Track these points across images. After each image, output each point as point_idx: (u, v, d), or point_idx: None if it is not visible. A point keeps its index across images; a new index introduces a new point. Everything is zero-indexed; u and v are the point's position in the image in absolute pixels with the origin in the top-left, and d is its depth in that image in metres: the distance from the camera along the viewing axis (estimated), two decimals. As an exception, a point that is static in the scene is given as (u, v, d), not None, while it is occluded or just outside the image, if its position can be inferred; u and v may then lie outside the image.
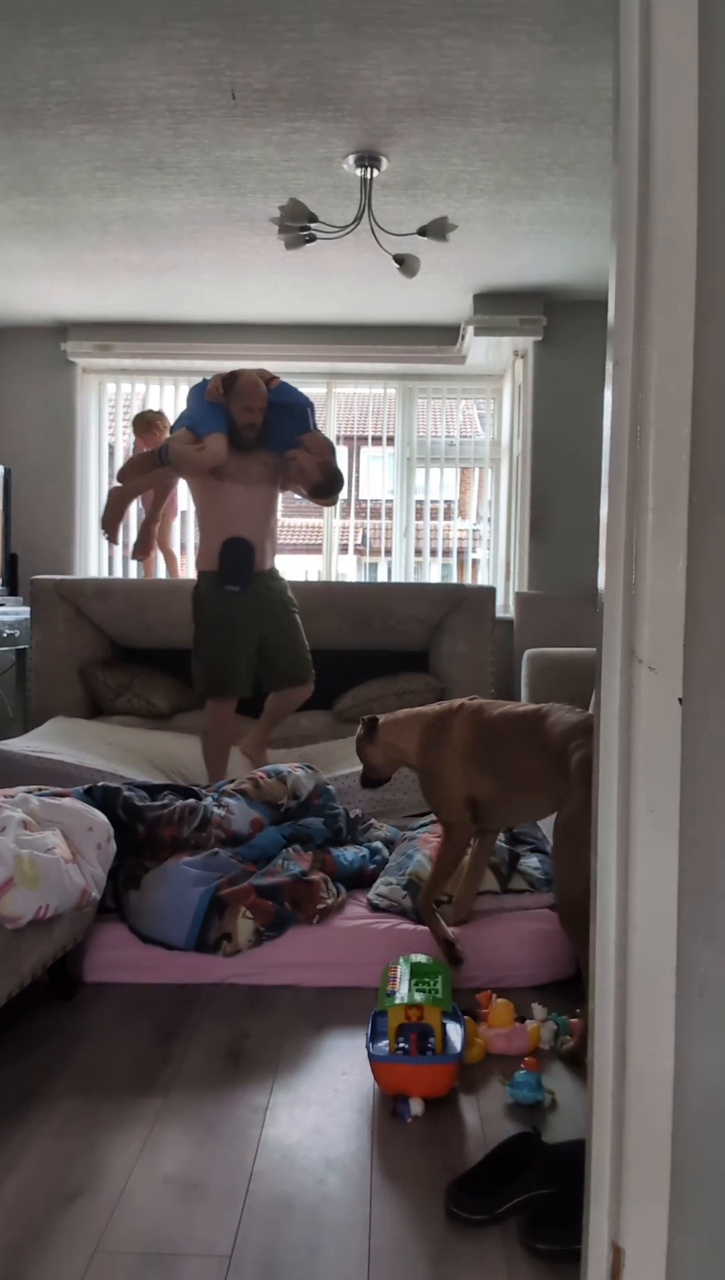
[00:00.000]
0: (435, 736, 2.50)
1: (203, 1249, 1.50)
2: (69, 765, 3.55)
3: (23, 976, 2.07)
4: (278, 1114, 1.90)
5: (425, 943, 2.50)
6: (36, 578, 4.63)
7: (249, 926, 2.48)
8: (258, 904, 2.52)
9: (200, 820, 2.80)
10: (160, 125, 3.13)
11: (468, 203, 3.70)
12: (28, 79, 2.84)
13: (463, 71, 2.79)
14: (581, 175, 3.45)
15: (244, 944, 2.48)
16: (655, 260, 1.12)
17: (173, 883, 2.56)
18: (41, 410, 5.37)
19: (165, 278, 4.59)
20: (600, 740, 1.20)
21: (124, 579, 5.01)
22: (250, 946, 2.49)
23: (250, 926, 2.48)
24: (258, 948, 2.50)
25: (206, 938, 2.47)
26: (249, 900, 2.52)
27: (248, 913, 2.50)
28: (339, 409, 5.74)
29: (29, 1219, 1.56)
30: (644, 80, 1.13)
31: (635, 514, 1.16)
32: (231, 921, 2.48)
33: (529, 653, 3.87)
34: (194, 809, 2.82)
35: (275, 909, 2.53)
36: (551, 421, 4.95)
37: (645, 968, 1.16)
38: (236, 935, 2.47)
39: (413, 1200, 1.63)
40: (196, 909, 2.49)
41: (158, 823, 2.77)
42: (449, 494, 8.81)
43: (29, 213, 3.83)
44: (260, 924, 2.49)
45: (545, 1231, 1.50)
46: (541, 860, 2.90)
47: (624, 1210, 1.18)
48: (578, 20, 2.53)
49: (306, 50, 2.69)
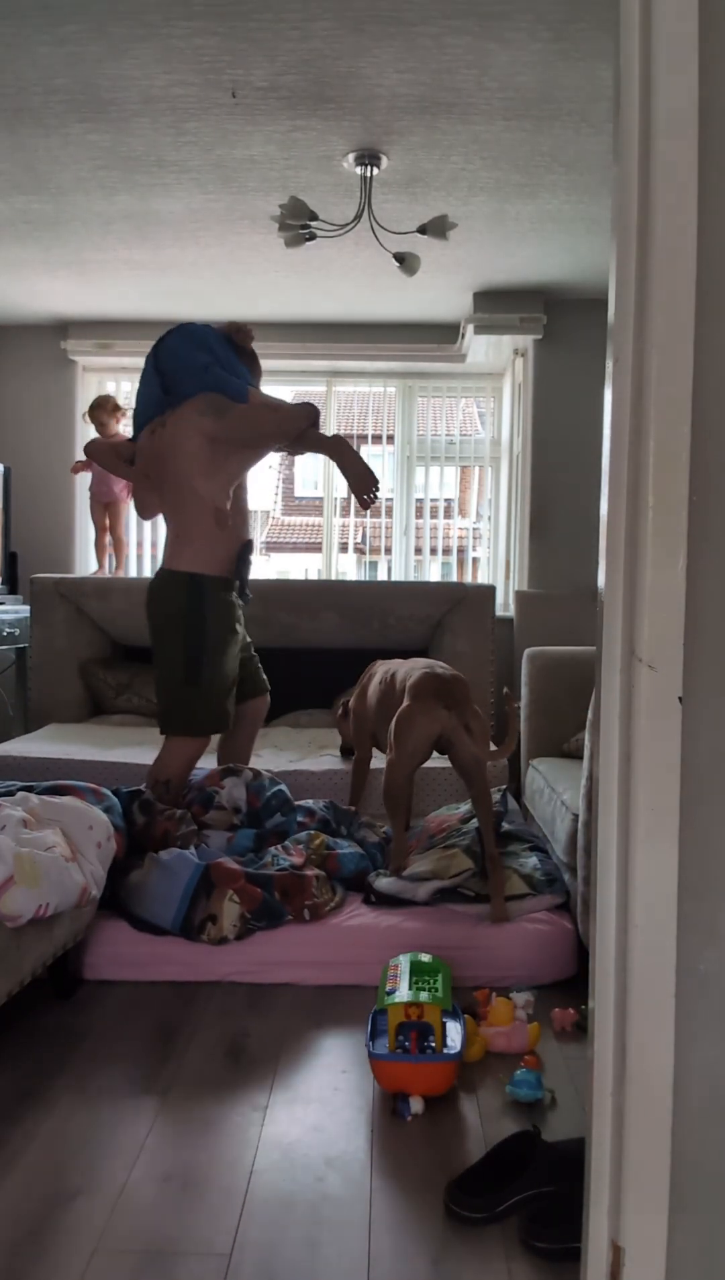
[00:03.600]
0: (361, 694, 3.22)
1: (202, 1247, 1.50)
2: (71, 762, 3.56)
3: (23, 975, 2.07)
4: (277, 1112, 1.90)
5: (425, 941, 2.50)
6: (36, 576, 4.63)
7: (235, 911, 2.49)
8: (246, 889, 2.53)
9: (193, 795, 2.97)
10: (161, 124, 3.13)
11: (468, 201, 3.70)
12: (29, 77, 2.84)
13: (463, 70, 2.79)
14: (582, 173, 3.44)
15: (229, 929, 2.47)
16: (655, 259, 1.12)
17: (165, 862, 2.60)
18: (42, 408, 5.37)
19: (166, 276, 4.59)
20: (601, 739, 1.20)
21: (124, 578, 5.01)
22: (235, 934, 2.48)
23: (236, 911, 2.49)
24: (250, 939, 2.50)
25: (192, 918, 2.48)
26: (238, 884, 2.53)
27: (235, 896, 2.50)
28: (339, 407, 5.74)
29: (28, 1217, 1.56)
30: (644, 78, 1.12)
31: (635, 512, 1.16)
32: (218, 903, 2.49)
33: (529, 651, 3.87)
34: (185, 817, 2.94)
35: (263, 897, 2.54)
36: (551, 420, 4.95)
37: (645, 967, 1.16)
38: (221, 918, 2.47)
39: (412, 1199, 1.64)
40: (185, 887, 2.51)
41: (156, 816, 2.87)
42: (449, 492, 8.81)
43: (30, 211, 3.83)
44: (246, 909, 2.50)
45: (545, 1230, 1.50)
46: (541, 860, 2.90)
47: (624, 1209, 1.18)
48: (579, 18, 2.53)
49: (307, 49, 2.69)
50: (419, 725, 2.75)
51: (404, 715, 2.79)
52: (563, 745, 3.57)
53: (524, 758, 3.74)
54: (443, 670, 2.90)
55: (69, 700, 4.52)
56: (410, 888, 2.68)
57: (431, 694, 2.78)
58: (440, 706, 2.76)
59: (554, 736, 3.63)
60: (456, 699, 2.78)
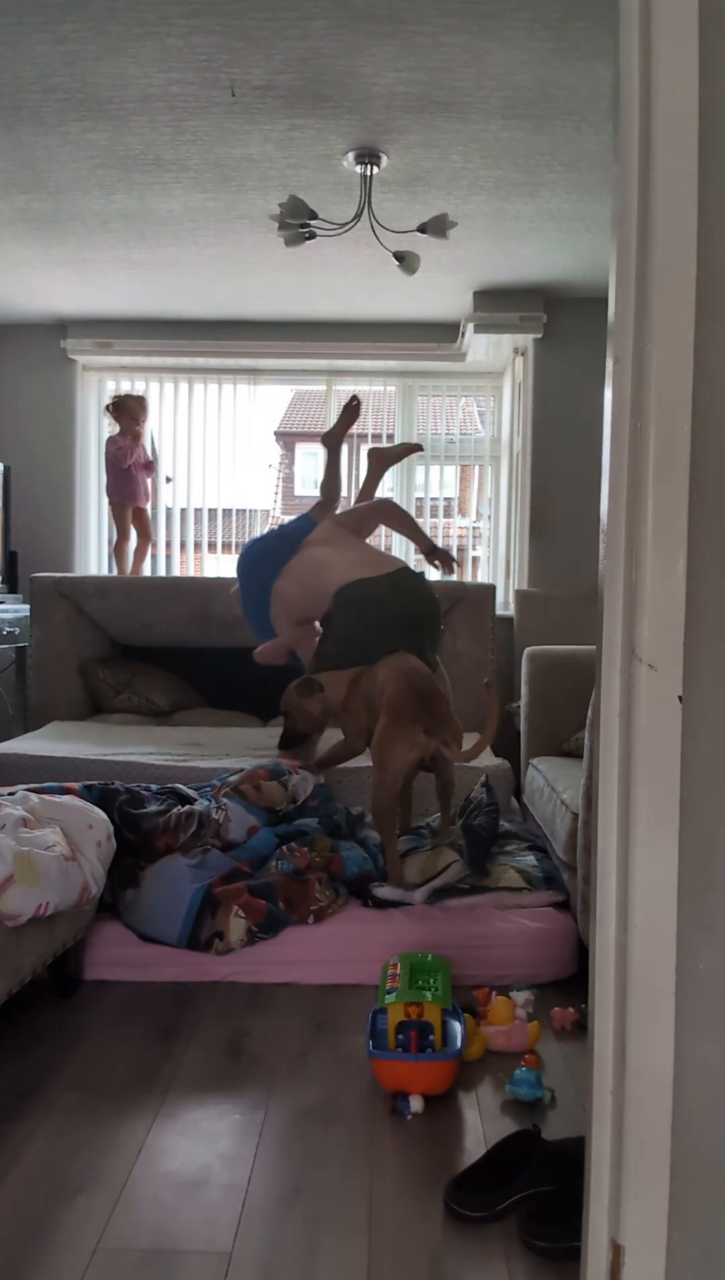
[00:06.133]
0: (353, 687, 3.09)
1: (203, 1246, 1.50)
2: (72, 760, 3.55)
3: (23, 974, 2.07)
4: (277, 1112, 1.90)
5: (425, 941, 2.50)
6: (36, 575, 4.63)
7: (241, 926, 2.48)
8: (250, 903, 2.52)
9: (196, 825, 2.80)
10: (160, 122, 3.13)
11: (467, 200, 3.69)
12: (27, 76, 2.84)
13: (462, 68, 2.79)
14: (581, 172, 3.44)
15: (236, 943, 2.48)
16: (655, 257, 1.12)
17: (168, 880, 2.57)
18: (41, 407, 5.37)
19: (165, 275, 4.58)
20: (600, 738, 1.20)
21: (124, 577, 5.01)
22: (242, 946, 2.49)
23: (242, 926, 2.48)
24: (254, 946, 2.50)
25: (199, 936, 2.47)
26: (241, 899, 2.52)
27: (240, 911, 2.50)
28: (339, 406, 5.72)
29: (30, 1216, 1.57)
30: (644, 77, 1.12)
31: (635, 512, 1.15)
32: (224, 920, 2.48)
33: (529, 650, 3.86)
34: (190, 815, 2.82)
35: (268, 908, 2.53)
36: (552, 419, 4.95)
37: (645, 965, 1.16)
38: (228, 934, 2.47)
39: (412, 1197, 1.64)
40: (189, 906, 2.49)
41: (154, 832, 2.75)
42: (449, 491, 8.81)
43: (28, 210, 3.82)
44: (252, 923, 2.49)
45: (545, 1229, 1.50)
46: (539, 858, 2.91)
47: (624, 1208, 1.18)
48: (577, 17, 2.53)
49: (305, 47, 2.69)
50: (400, 754, 2.76)
51: (385, 739, 2.79)
52: (563, 744, 3.57)
53: (524, 757, 3.74)
54: (420, 682, 2.85)
55: (68, 700, 4.52)
56: (407, 895, 2.69)
57: (411, 718, 2.76)
58: (420, 731, 2.75)
59: (554, 736, 3.63)
60: (437, 720, 2.76)
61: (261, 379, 5.65)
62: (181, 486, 5.73)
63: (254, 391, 5.68)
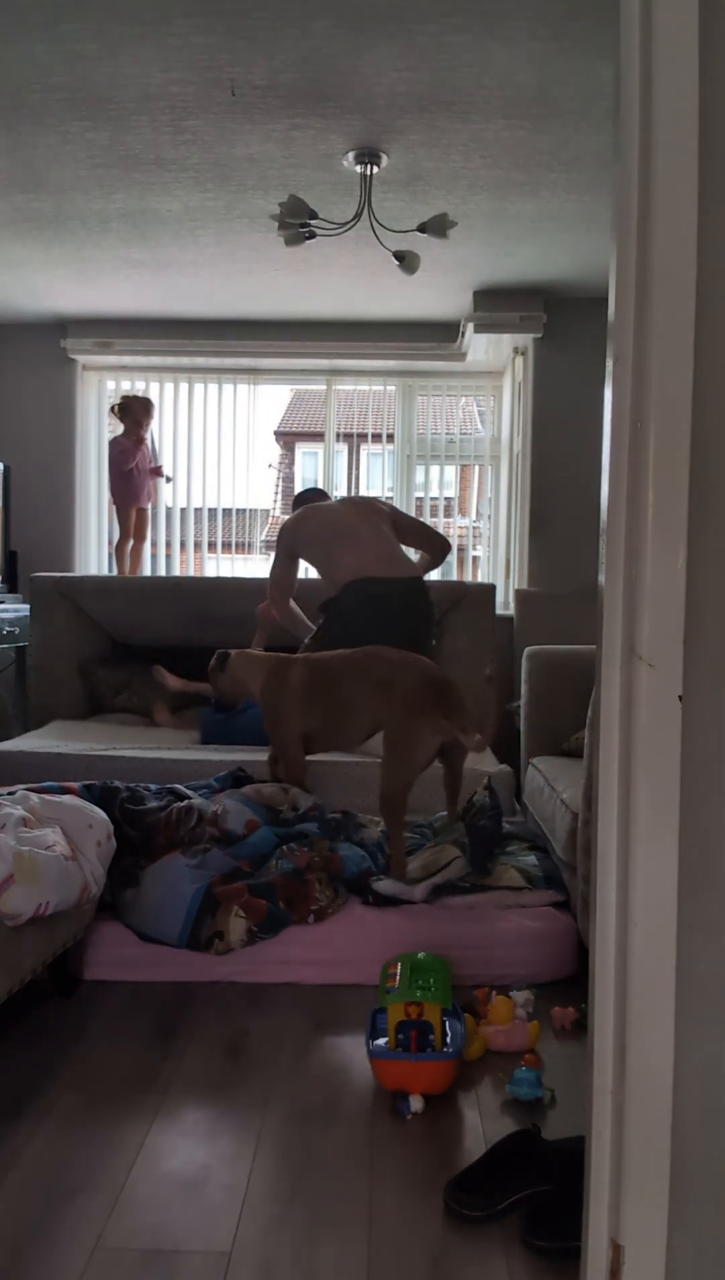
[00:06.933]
0: (276, 679, 3.07)
1: (203, 1245, 1.50)
2: (72, 757, 3.55)
3: (23, 974, 2.07)
4: (277, 1111, 1.90)
5: (425, 940, 2.50)
6: (36, 575, 4.63)
7: (241, 926, 2.48)
8: (251, 903, 2.52)
9: (196, 820, 2.80)
10: (160, 122, 3.13)
11: (468, 199, 3.69)
12: (27, 75, 2.84)
13: (462, 68, 2.79)
14: (582, 172, 3.44)
15: (236, 943, 2.48)
16: (656, 257, 1.12)
17: (167, 880, 2.57)
18: (41, 407, 5.37)
19: (165, 274, 4.59)
20: (600, 738, 1.20)
21: (124, 577, 5.01)
22: (242, 946, 2.49)
23: (242, 925, 2.48)
24: (254, 945, 2.50)
25: (199, 935, 2.47)
26: (242, 899, 2.52)
27: (240, 911, 2.49)
28: (338, 406, 5.73)
29: (29, 1216, 1.57)
30: (645, 76, 1.12)
31: (635, 510, 1.15)
32: (224, 920, 2.48)
33: (529, 650, 3.86)
34: (189, 810, 2.83)
35: (268, 908, 2.53)
36: (552, 418, 4.95)
37: (645, 965, 1.16)
38: (228, 934, 2.47)
39: (412, 1197, 1.64)
40: (189, 906, 2.49)
41: (154, 827, 2.76)
42: (449, 491, 8.81)
43: (28, 209, 3.82)
44: (252, 923, 2.49)
45: (545, 1229, 1.50)
46: (539, 859, 2.90)
47: (624, 1207, 1.18)
48: (578, 17, 2.53)
49: (306, 47, 2.69)
50: (425, 740, 2.78)
51: (405, 727, 2.80)
52: (563, 744, 3.57)
53: (524, 756, 3.74)
54: (432, 672, 2.90)
55: (69, 699, 4.51)
56: (407, 890, 2.69)
57: (432, 704, 2.79)
58: (441, 717, 2.77)
59: (554, 735, 3.63)
60: (453, 705, 2.80)
61: (261, 379, 5.66)
62: (181, 486, 5.74)
63: (254, 391, 5.69)
